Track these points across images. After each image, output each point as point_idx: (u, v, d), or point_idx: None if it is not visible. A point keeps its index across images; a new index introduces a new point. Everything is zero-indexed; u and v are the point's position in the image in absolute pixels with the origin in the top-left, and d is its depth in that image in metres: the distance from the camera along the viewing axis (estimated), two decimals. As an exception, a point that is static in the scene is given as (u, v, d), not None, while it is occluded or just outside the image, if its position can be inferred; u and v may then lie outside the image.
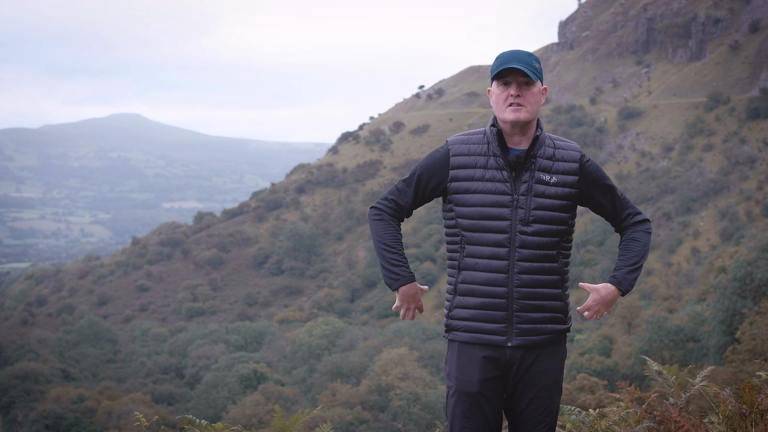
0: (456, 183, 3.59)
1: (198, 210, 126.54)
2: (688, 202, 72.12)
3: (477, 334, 3.56)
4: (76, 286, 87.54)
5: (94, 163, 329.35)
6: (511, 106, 3.52)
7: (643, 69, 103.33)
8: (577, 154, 3.63)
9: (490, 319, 3.54)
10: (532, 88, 3.53)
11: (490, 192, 3.53)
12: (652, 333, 31.36)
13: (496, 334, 3.54)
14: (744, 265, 27.45)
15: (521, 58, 3.50)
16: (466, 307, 3.58)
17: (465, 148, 3.61)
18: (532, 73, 3.49)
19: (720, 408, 4.65)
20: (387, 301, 70.18)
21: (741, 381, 4.55)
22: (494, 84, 3.58)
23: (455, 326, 3.62)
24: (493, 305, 3.53)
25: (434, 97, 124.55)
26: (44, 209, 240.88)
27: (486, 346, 3.56)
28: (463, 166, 3.58)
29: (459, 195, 3.58)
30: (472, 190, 3.55)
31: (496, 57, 3.58)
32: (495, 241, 3.52)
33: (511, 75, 3.52)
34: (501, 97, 3.55)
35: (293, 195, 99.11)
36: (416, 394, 35.25)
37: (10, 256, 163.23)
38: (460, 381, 3.59)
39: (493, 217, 3.52)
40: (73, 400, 43.56)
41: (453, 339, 3.64)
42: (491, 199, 3.52)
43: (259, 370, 42.33)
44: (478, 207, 3.53)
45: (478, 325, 3.56)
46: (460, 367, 3.59)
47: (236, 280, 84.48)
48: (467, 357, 3.58)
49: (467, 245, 3.56)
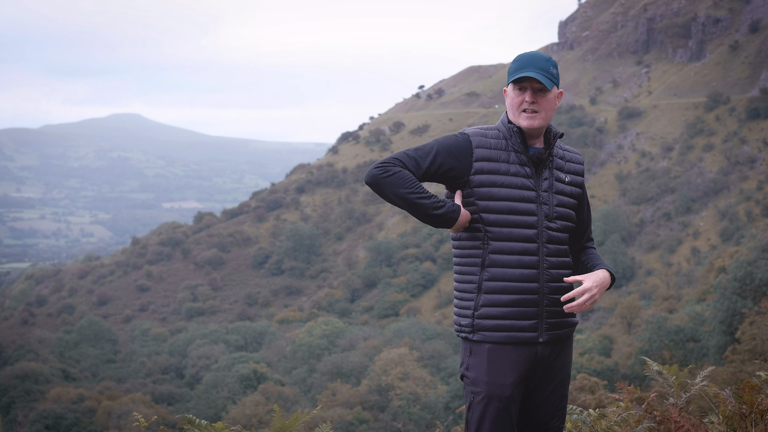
0: (481, 176, 3.48)
1: (198, 210, 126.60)
2: (688, 202, 72.11)
3: (511, 333, 3.46)
4: (76, 286, 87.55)
5: (94, 163, 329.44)
6: (525, 113, 3.51)
7: (643, 69, 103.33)
8: (581, 158, 3.72)
9: (523, 315, 3.47)
10: (547, 95, 3.52)
11: (517, 187, 3.48)
12: (652, 333, 31.37)
13: (528, 331, 3.47)
14: (744, 265, 27.45)
15: (539, 64, 3.47)
16: (497, 305, 3.46)
17: (486, 141, 3.53)
18: (548, 81, 3.47)
19: (720, 408, 4.65)
20: (387, 301, 70.20)
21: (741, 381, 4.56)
22: (510, 86, 3.56)
23: (484, 326, 3.47)
24: (526, 302, 3.46)
25: (434, 97, 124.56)
26: (44, 209, 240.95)
27: (518, 344, 3.47)
28: (487, 158, 3.50)
29: (485, 188, 3.48)
30: (498, 183, 3.48)
31: (515, 58, 3.55)
32: (525, 236, 3.48)
33: (527, 80, 3.50)
34: (516, 102, 3.53)
35: (293, 195, 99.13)
36: (416, 394, 35.27)
37: (10, 256, 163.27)
38: (492, 385, 3.45)
39: (522, 212, 3.48)
40: (73, 400, 43.57)
41: (482, 340, 3.48)
42: (519, 194, 3.48)
43: (259, 370, 42.33)
44: (506, 201, 3.47)
45: (511, 323, 3.46)
46: (492, 371, 3.46)
47: (236, 280, 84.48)
48: (499, 359, 3.46)
49: (492, 241, 3.47)
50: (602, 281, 3.49)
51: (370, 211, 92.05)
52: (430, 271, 73.25)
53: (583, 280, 3.46)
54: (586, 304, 3.43)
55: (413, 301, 70.12)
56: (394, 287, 72.79)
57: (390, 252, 78.48)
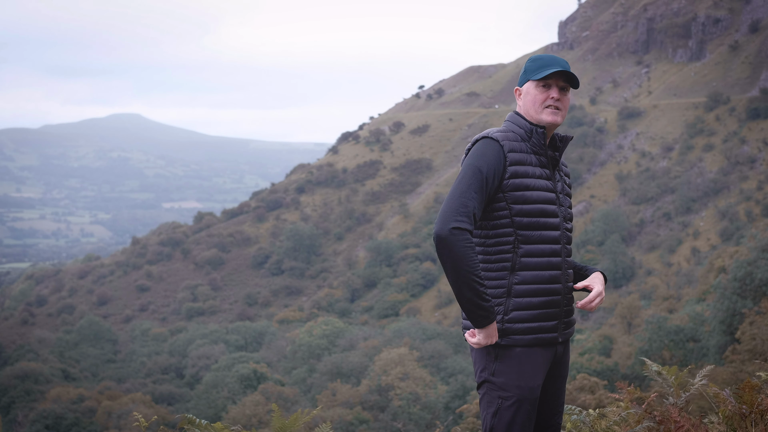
0: (516, 179, 3.47)
1: (198, 210, 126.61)
2: (688, 202, 72.10)
3: (538, 335, 3.48)
4: (76, 286, 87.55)
5: (94, 163, 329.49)
6: (548, 108, 3.55)
7: (643, 69, 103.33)
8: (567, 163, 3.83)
9: (549, 317, 3.51)
10: (568, 94, 3.60)
11: (544, 189, 3.52)
12: (652, 333, 31.37)
13: (551, 332, 3.52)
14: (744, 265, 27.45)
15: (563, 64, 3.54)
16: (528, 308, 3.47)
17: (514, 144, 3.52)
18: (576, 81, 3.58)
19: (720, 408, 4.65)
20: (387, 301, 70.19)
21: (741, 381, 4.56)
22: (531, 84, 3.57)
23: (515, 330, 3.46)
24: (553, 303, 3.51)
25: (434, 97, 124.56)
26: (44, 209, 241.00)
27: (544, 346, 3.51)
28: (520, 162, 3.50)
29: (519, 192, 3.47)
30: (532, 186, 3.49)
31: (532, 58, 3.60)
32: (553, 238, 3.53)
33: (554, 78, 3.55)
34: (539, 98, 3.55)
35: (293, 195, 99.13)
36: (416, 394, 35.27)
37: (10, 256, 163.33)
38: (523, 389, 3.45)
39: (550, 214, 3.52)
40: (73, 400, 43.58)
41: (511, 344, 3.47)
42: (546, 197, 3.52)
43: (259, 370, 42.33)
44: (537, 204, 3.49)
45: (539, 325, 3.49)
46: (522, 375, 3.46)
47: (236, 280, 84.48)
48: (530, 362, 3.47)
49: (523, 245, 3.48)
50: (603, 285, 3.64)
51: (370, 211, 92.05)
52: (430, 271, 73.24)
53: (593, 285, 3.60)
54: (596, 305, 3.59)
55: (413, 301, 70.13)
56: (394, 287, 72.79)
57: (390, 252, 78.49)
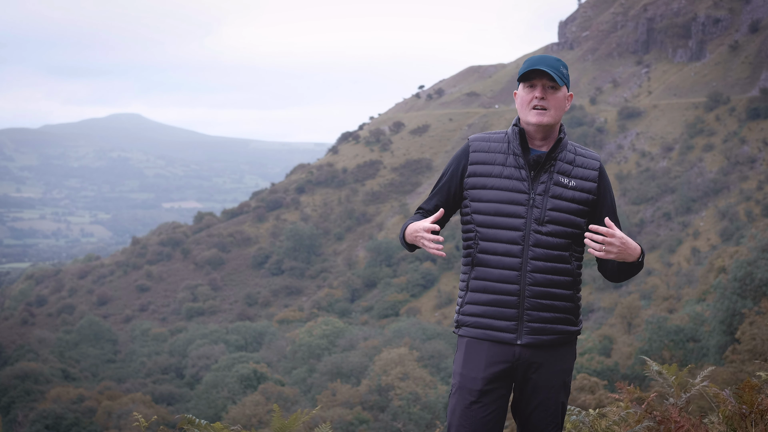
0: (473, 178, 3.62)
1: (198, 210, 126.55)
2: (688, 202, 72.09)
3: (486, 331, 3.56)
4: (76, 286, 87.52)
5: (94, 163, 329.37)
6: (534, 109, 3.55)
7: (643, 69, 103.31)
8: (596, 163, 3.67)
9: (500, 315, 3.54)
10: (557, 93, 3.56)
11: (507, 189, 3.56)
12: (652, 333, 31.36)
13: (505, 332, 3.54)
14: (744, 265, 27.44)
15: (549, 63, 3.54)
16: (478, 303, 3.58)
17: (485, 145, 3.66)
18: (558, 77, 3.53)
19: (720, 408, 4.64)
20: (387, 301, 70.18)
21: (741, 381, 4.55)
22: (520, 86, 3.62)
23: (465, 322, 3.62)
24: (504, 302, 3.53)
25: (434, 97, 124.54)
26: (44, 209, 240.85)
27: (495, 343, 3.55)
28: (481, 162, 3.63)
29: (476, 190, 3.61)
30: (488, 185, 3.58)
31: (525, 61, 3.62)
32: (509, 238, 3.54)
33: (537, 78, 3.56)
34: (525, 99, 3.58)
35: (293, 195, 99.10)
36: (416, 394, 35.25)
37: (10, 256, 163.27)
38: (465, 378, 3.59)
39: (507, 214, 3.54)
40: (73, 400, 43.56)
41: (463, 335, 3.64)
42: (507, 196, 3.55)
43: (259, 370, 42.34)
44: (493, 203, 3.56)
45: (488, 321, 3.56)
46: (466, 364, 3.59)
47: (236, 280, 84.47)
48: (475, 354, 3.58)
49: (481, 241, 3.58)
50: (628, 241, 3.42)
51: (370, 211, 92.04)
52: (430, 271, 73.22)
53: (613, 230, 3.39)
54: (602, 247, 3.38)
55: (413, 301, 70.12)
56: (394, 287, 72.76)
57: (390, 252, 78.45)
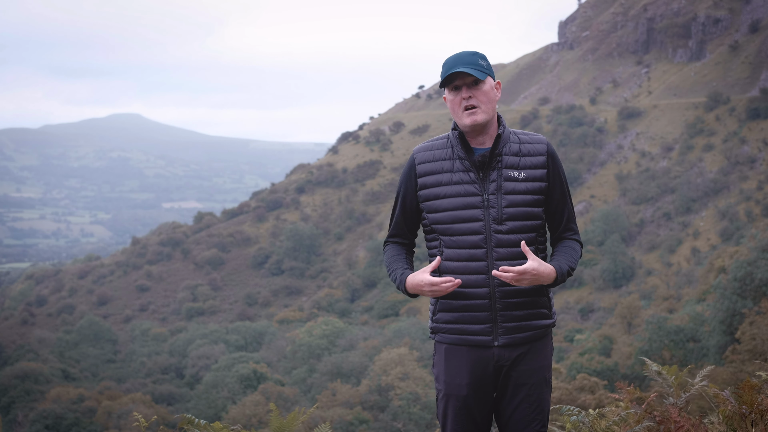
0: (426, 190, 3.59)
1: (198, 210, 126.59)
2: (688, 202, 72.09)
3: (463, 336, 3.54)
4: (76, 286, 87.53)
5: (94, 163, 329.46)
6: (466, 110, 3.51)
7: (643, 69, 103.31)
8: (543, 146, 3.59)
9: (474, 320, 3.53)
10: (482, 87, 3.51)
11: (460, 195, 3.52)
12: (652, 333, 31.34)
13: (481, 335, 3.52)
14: (744, 265, 27.43)
15: (465, 60, 3.49)
16: (450, 310, 3.56)
17: (429, 154, 3.61)
18: (478, 72, 3.47)
19: (720, 408, 4.63)
20: (387, 301, 70.16)
21: (741, 381, 4.53)
22: (446, 91, 3.58)
23: (440, 329, 3.61)
24: (476, 306, 3.51)
25: (434, 97, 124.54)
26: (44, 209, 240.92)
27: (473, 347, 3.54)
28: (429, 172, 3.59)
29: (429, 201, 3.58)
30: (441, 195, 3.55)
31: (442, 64, 3.57)
32: (471, 242, 3.51)
33: (459, 78, 3.51)
34: (455, 103, 3.54)
35: (293, 195, 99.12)
36: (416, 394, 35.24)
37: (10, 256, 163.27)
38: (449, 385, 3.59)
39: (465, 219, 3.51)
40: (73, 400, 43.53)
41: (440, 341, 3.63)
42: (462, 202, 3.52)
43: (259, 370, 42.34)
44: (449, 211, 3.53)
45: (463, 327, 3.54)
46: (448, 371, 3.58)
47: (236, 280, 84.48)
48: (455, 360, 3.57)
49: (445, 249, 3.56)
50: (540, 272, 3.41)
51: (370, 211, 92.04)
52: (430, 271, 73.10)
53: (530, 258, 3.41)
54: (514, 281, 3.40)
55: (413, 301, 70.10)
56: (394, 287, 72.66)
57: (390, 252, 78.35)
